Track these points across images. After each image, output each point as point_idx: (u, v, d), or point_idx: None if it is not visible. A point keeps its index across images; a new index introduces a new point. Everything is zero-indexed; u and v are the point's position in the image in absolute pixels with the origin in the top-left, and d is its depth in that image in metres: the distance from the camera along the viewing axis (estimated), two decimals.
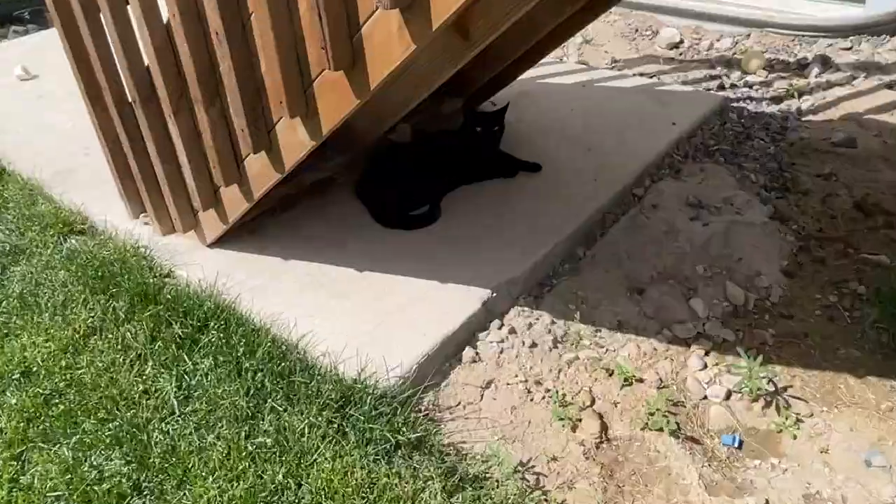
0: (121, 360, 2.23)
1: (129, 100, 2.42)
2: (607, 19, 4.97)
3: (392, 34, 1.51)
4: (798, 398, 2.17)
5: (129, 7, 2.13)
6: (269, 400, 2.06)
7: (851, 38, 4.51)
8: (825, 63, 4.28)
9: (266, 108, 2.00)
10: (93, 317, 2.39)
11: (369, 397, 2.05)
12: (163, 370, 2.19)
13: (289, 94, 1.79)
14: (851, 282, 2.60)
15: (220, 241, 2.72)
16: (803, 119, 3.77)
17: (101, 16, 2.21)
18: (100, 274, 2.54)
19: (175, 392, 2.11)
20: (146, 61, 2.23)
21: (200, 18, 1.93)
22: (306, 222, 2.91)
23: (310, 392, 2.06)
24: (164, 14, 2.09)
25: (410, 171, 3.02)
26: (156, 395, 2.12)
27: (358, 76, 1.65)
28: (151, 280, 2.51)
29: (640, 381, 2.26)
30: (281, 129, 2.02)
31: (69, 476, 1.90)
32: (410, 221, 2.89)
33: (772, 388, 2.18)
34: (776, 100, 3.99)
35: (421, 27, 1.44)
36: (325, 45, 1.56)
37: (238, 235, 2.74)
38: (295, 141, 1.98)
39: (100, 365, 2.22)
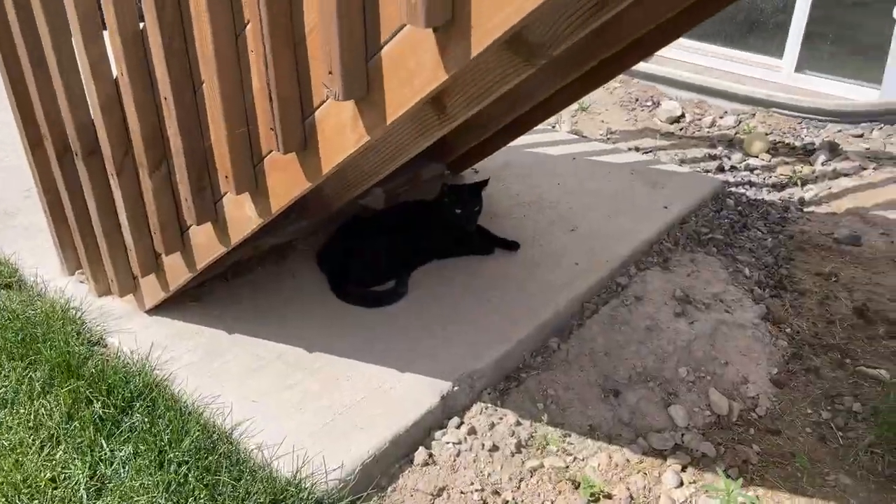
0: (30, 440, 2.17)
1: (73, 150, 2.42)
2: (607, 87, 5.07)
3: (344, 125, 1.51)
4: None
5: (76, 54, 2.14)
6: (191, 499, 2.00)
7: (863, 124, 4.59)
8: (833, 150, 4.34)
9: (214, 179, 1.99)
10: (6, 387, 2.34)
11: (302, 503, 1.99)
12: (76, 455, 2.13)
13: (236, 170, 1.79)
14: (847, 397, 2.59)
15: (161, 308, 2.69)
16: (805, 210, 3.82)
17: (46, 58, 2.22)
18: (20, 337, 2.50)
19: (86, 482, 2.05)
20: (92, 113, 2.24)
21: (151, 79, 1.94)
22: (258, 291, 2.89)
23: (237, 493, 2.01)
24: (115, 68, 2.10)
25: (378, 242, 3.01)
26: (65, 483, 2.06)
27: (310, 159, 1.66)
28: (77, 348, 2.47)
29: (609, 496, 2.22)
30: (228, 202, 2.02)
31: None
32: (372, 298, 2.87)
33: None
34: (778, 187, 4.05)
35: (376, 120, 1.45)
36: (273, 126, 1.57)
37: (181, 302, 2.71)
38: (242, 216, 1.97)
39: (6, 444, 2.16)
